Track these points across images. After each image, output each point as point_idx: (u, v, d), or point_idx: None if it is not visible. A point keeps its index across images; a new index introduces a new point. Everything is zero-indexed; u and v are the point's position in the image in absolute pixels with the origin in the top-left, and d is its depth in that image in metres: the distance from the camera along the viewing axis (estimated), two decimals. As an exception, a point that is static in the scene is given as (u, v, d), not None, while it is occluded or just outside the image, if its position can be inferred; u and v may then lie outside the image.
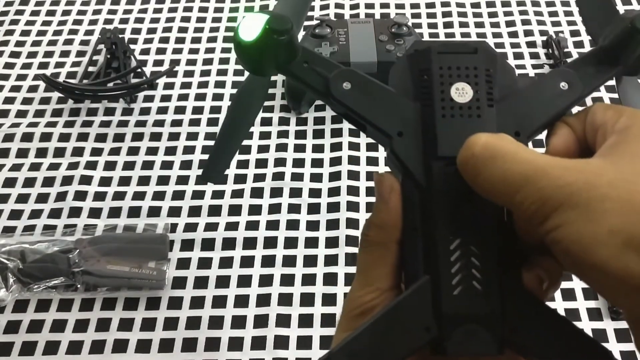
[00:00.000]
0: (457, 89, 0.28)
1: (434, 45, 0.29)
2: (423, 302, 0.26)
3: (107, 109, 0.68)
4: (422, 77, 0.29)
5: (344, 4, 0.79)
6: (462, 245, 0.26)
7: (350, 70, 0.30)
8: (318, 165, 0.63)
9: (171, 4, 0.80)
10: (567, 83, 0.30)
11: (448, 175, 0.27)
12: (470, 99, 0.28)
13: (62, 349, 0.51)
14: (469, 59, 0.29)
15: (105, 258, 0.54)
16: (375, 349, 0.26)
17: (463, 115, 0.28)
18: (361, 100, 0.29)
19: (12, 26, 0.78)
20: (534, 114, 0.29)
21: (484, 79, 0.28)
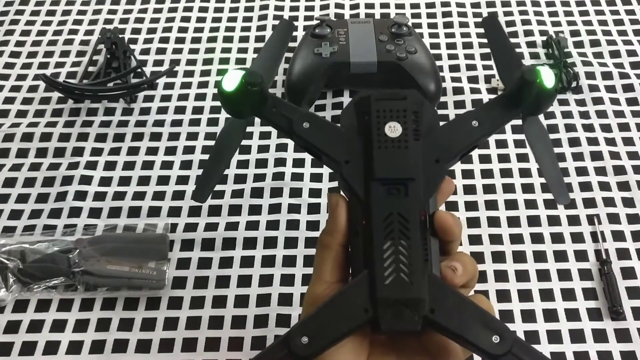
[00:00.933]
0: (390, 127, 0.36)
1: (373, 94, 0.37)
2: (362, 290, 0.34)
3: (107, 109, 0.68)
4: (364, 118, 0.37)
5: (344, 4, 0.79)
6: (392, 246, 0.34)
7: (309, 114, 0.39)
8: (318, 165, 0.63)
9: (171, 4, 0.80)
10: (478, 121, 0.38)
11: (382, 193, 0.35)
12: (400, 134, 0.36)
13: (62, 349, 0.51)
14: (399, 104, 0.37)
15: (105, 258, 0.54)
16: (325, 326, 0.33)
17: (394, 147, 0.36)
18: (317, 136, 0.38)
19: (12, 26, 0.78)
20: (451, 145, 0.38)
21: (411, 119, 0.36)
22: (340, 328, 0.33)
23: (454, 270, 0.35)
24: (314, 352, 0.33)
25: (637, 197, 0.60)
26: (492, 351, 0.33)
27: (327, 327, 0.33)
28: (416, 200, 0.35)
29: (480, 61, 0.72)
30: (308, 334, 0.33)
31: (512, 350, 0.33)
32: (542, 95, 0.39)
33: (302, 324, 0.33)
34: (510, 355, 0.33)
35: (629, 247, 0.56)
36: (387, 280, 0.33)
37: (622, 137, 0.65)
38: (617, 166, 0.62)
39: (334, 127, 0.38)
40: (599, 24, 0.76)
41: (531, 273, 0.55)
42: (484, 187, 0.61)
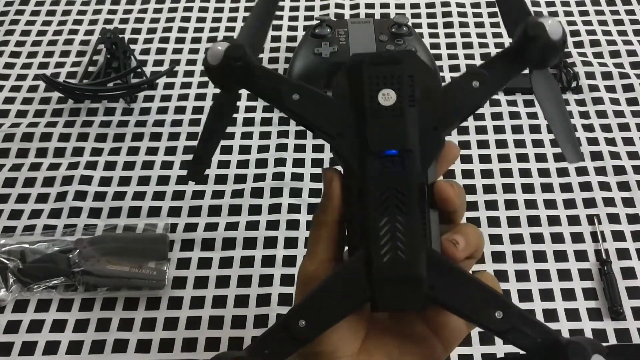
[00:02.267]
0: (383, 94, 0.34)
1: (366, 58, 0.35)
2: (359, 269, 0.32)
3: (107, 109, 0.68)
4: (357, 85, 0.35)
5: (344, 4, 0.79)
6: (389, 222, 0.32)
7: (299, 84, 0.36)
8: (318, 165, 0.63)
9: (171, 4, 0.80)
10: (479, 82, 0.35)
11: (377, 166, 0.33)
12: (394, 102, 0.34)
13: (62, 349, 0.51)
14: (393, 69, 0.34)
15: (105, 258, 0.54)
16: (322, 309, 0.32)
17: (388, 116, 0.34)
18: (308, 108, 0.36)
19: (12, 26, 0.78)
20: (451, 110, 0.35)
21: (407, 85, 0.34)
22: (337, 310, 0.33)
23: (455, 244, 0.34)
24: (313, 335, 0.32)
25: (637, 197, 0.60)
26: (496, 327, 0.32)
27: (324, 309, 0.33)
28: (413, 173, 0.33)
29: (480, 61, 0.72)
30: (306, 317, 0.32)
31: (516, 325, 0.32)
32: (549, 47, 0.36)
33: (300, 308, 0.33)
34: (514, 330, 0.32)
35: (629, 247, 0.56)
36: (383, 259, 0.32)
37: (622, 137, 0.65)
38: (617, 166, 0.62)
39: (326, 98, 0.36)
40: (599, 24, 0.76)
41: (531, 273, 0.55)
42: (484, 187, 0.61)
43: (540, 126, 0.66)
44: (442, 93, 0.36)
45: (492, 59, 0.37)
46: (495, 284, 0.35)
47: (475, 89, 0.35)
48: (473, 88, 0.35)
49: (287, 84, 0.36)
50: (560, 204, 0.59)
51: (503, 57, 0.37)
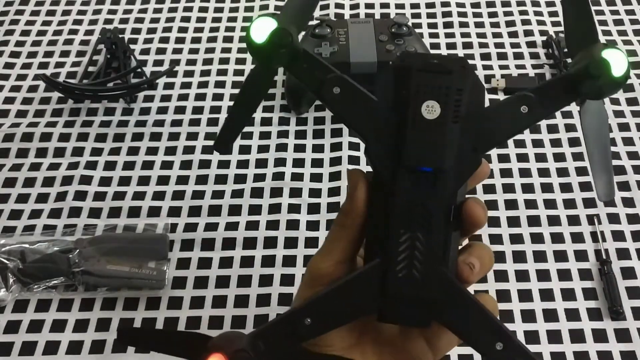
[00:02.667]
0: (427, 107, 0.32)
1: (416, 63, 0.33)
2: (373, 278, 0.33)
3: (107, 109, 0.68)
4: (402, 92, 0.33)
5: (344, 4, 0.79)
6: (410, 238, 0.33)
7: (342, 77, 0.35)
8: (318, 165, 0.63)
9: (171, 4, 0.80)
10: (528, 107, 0.34)
11: (409, 180, 0.33)
12: (437, 116, 0.32)
13: (62, 349, 0.51)
14: (442, 80, 0.33)
15: (105, 258, 0.54)
16: (331, 311, 0.33)
17: (429, 130, 0.32)
18: (347, 105, 0.34)
19: (12, 26, 0.78)
20: (493, 133, 0.34)
21: (453, 98, 0.33)
22: (345, 315, 0.33)
23: (472, 268, 0.34)
24: (316, 334, 0.33)
25: (637, 197, 0.60)
26: (495, 357, 0.33)
27: (332, 312, 0.33)
28: (444, 194, 0.33)
29: (480, 61, 0.72)
30: (312, 316, 0.33)
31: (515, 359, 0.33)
32: (611, 85, 0.34)
33: (308, 305, 0.33)
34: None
35: (629, 247, 0.56)
36: (398, 274, 0.33)
37: (622, 137, 0.65)
38: (617, 166, 0.62)
39: (367, 98, 0.34)
40: (599, 24, 0.76)
41: (531, 273, 0.55)
42: (484, 187, 0.61)
43: (540, 126, 0.66)
44: (487, 113, 0.34)
45: (545, 84, 0.35)
46: (495, 307, 0.36)
47: (522, 115, 0.34)
48: (520, 113, 0.34)
49: (331, 75, 0.35)
50: (560, 204, 0.59)
51: (557, 84, 0.35)
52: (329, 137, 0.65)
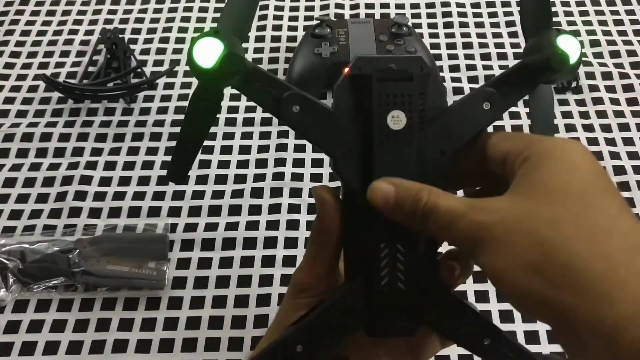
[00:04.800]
0: (393, 117, 0.32)
1: (374, 72, 0.32)
2: (358, 297, 0.33)
3: (107, 109, 0.68)
4: (363, 101, 0.32)
5: (344, 4, 0.79)
6: (390, 251, 0.33)
7: (299, 94, 0.33)
8: (318, 165, 0.63)
9: (171, 4, 0.80)
10: (490, 103, 0.33)
11: None
12: (404, 126, 0.32)
13: (62, 349, 0.51)
14: (405, 87, 0.32)
15: (105, 258, 0.54)
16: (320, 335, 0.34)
17: (397, 142, 0.32)
18: (309, 123, 0.33)
19: (12, 26, 0.78)
20: (459, 134, 0.33)
21: (417, 105, 0.32)
22: (334, 338, 0.34)
23: (453, 271, 0.34)
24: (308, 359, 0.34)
25: (637, 197, 0.60)
26: (484, 353, 0.34)
27: (321, 337, 0.34)
28: None
29: (480, 61, 0.72)
30: (303, 343, 0.33)
31: (502, 350, 0.33)
32: (566, 72, 0.34)
33: (298, 333, 0.34)
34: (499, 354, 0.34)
35: (629, 247, 0.56)
36: (382, 287, 0.33)
37: (622, 137, 0.65)
38: (617, 166, 0.62)
39: (328, 113, 0.33)
40: (599, 24, 0.76)
41: (531, 273, 0.55)
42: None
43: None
44: (450, 113, 0.33)
45: (504, 77, 0.35)
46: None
47: (485, 111, 0.33)
48: (483, 110, 0.33)
49: (287, 93, 0.33)
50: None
51: (516, 76, 0.34)
52: (329, 137, 0.65)
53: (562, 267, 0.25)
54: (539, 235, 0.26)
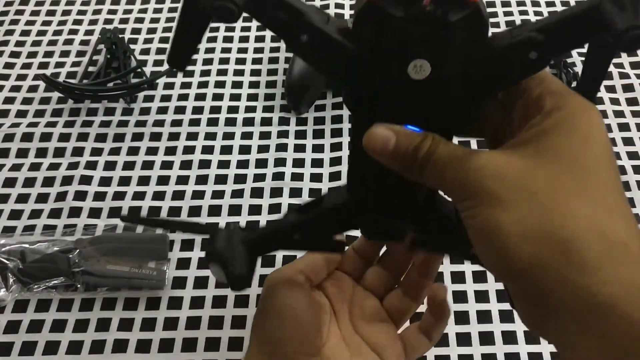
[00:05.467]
0: (416, 66, 0.27)
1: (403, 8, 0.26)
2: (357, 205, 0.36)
3: (107, 109, 0.68)
4: (383, 42, 0.27)
5: (344, 4, 0.79)
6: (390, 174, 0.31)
7: (308, 24, 0.28)
8: (318, 165, 0.63)
9: (171, 4, 0.80)
10: (538, 53, 0.27)
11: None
12: (427, 77, 0.28)
13: (62, 349, 0.51)
14: (439, 36, 0.26)
15: (105, 258, 0.54)
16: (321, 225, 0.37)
17: (414, 91, 0.28)
18: (318, 55, 0.29)
19: (12, 26, 0.78)
20: (494, 85, 0.29)
21: (448, 55, 0.27)
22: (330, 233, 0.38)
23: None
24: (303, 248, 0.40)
25: (638, 197, 0.60)
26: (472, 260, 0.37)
27: (319, 232, 0.38)
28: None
29: (480, 61, 0.72)
30: (301, 234, 0.37)
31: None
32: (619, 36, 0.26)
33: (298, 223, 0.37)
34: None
35: (629, 247, 0.56)
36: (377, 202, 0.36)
37: (622, 137, 0.65)
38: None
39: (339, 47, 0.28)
40: (599, 24, 0.76)
41: (531, 273, 0.55)
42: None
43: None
44: (489, 60, 0.28)
45: (553, 24, 0.28)
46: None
47: (530, 62, 0.28)
48: (529, 60, 0.27)
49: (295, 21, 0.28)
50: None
51: (566, 24, 0.27)
52: (329, 137, 0.65)
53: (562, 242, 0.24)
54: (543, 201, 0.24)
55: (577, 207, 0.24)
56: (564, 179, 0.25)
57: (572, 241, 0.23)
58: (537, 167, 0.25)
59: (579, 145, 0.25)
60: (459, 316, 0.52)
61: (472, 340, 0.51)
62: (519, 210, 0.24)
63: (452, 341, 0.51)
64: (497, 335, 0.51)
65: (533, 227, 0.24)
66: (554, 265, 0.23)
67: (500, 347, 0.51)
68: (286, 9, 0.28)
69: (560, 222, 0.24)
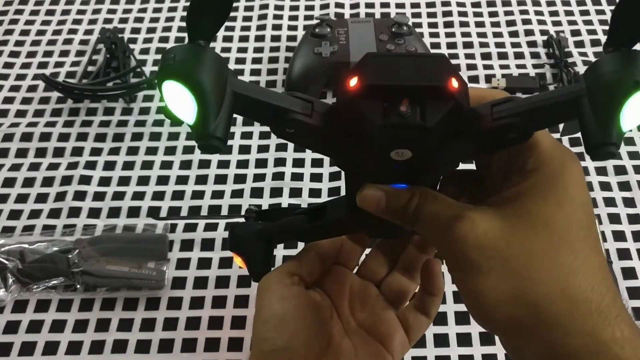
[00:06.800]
0: (397, 153, 0.29)
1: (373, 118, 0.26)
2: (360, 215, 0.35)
3: (107, 109, 0.68)
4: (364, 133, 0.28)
5: (344, 4, 0.79)
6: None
7: (292, 120, 0.28)
8: (318, 165, 0.63)
9: (171, 3, 0.80)
10: (516, 134, 0.28)
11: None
12: (409, 158, 0.29)
13: (62, 349, 0.51)
14: (417, 136, 0.27)
15: (105, 258, 0.54)
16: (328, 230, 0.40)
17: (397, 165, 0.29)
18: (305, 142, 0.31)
19: (11, 26, 0.78)
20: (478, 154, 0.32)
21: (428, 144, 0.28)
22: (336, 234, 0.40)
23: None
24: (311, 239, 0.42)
25: (638, 197, 0.60)
26: None
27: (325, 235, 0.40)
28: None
29: (480, 61, 0.72)
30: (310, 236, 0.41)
31: None
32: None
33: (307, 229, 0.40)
34: None
35: (630, 247, 0.56)
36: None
37: (622, 136, 0.65)
38: (617, 166, 0.62)
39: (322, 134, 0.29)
40: (599, 24, 0.76)
41: (532, 273, 0.55)
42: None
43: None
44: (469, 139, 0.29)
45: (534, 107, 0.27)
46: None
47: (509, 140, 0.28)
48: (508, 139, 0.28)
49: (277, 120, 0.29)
50: (560, 204, 0.59)
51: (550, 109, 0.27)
52: (329, 137, 0.65)
53: (531, 304, 0.27)
54: (515, 267, 0.27)
55: (545, 270, 0.27)
56: (536, 243, 0.27)
57: (540, 302, 0.27)
58: (513, 231, 0.28)
59: (554, 209, 0.28)
60: (459, 316, 0.52)
61: (472, 341, 0.51)
62: (495, 278, 0.28)
63: (453, 341, 0.51)
64: (498, 335, 0.51)
65: (506, 292, 0.27)
66: (525, 324, 0.27)
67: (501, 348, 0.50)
68: (270, 108, 0.28)
69: (530, 286, 0.27)
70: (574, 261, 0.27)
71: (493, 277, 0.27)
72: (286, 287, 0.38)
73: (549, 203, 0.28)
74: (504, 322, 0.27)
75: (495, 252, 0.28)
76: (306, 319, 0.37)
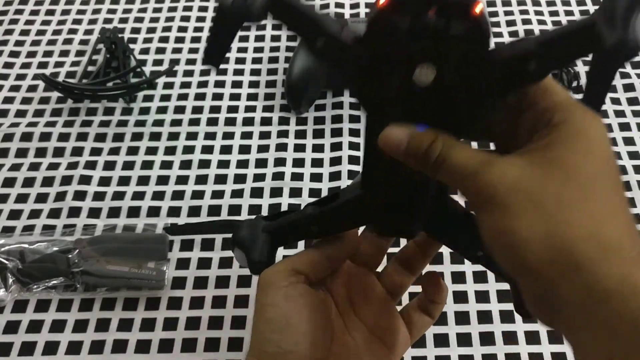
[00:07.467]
0: (421, 70, 0.29)
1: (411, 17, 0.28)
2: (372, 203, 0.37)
3: (107, 109, 0.68)
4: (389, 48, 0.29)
5: (344, 4, 0.79)
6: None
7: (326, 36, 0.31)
8: (318, 165, 0.63)
9: (171, 3, 0.80)
10: (536, 64, 0.29)
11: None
12: (432, 81, 0.29)
13: (62, 349, 0.51)
14: (444, 45, 0.28)
15: (105, 258, 0.54)
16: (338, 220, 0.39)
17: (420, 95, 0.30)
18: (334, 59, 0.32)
19: (11, 25, 0.78)
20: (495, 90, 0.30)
21: (454, 62, 0.29)
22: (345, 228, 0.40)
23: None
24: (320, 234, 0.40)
25: (638, 197, 0.60)
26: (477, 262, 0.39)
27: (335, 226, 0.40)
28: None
29: (480, 61, 0.72)
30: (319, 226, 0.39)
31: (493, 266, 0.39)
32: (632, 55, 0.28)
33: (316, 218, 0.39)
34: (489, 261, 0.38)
35: (630, 247, 0.56)
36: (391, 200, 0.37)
37: (622, 137, 0.65)
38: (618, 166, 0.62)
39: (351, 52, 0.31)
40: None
41: (532, 273, 0.55)
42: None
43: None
44: (490, 68, 0.29)
45: (554, 38, 0.28)
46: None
47: (529, 72, 0.29)
48: (528, 71, 0.29)
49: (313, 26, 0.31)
50: (560, 204, 0.59)
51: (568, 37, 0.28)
52: (329, 137, 0.65)
53: (561, 250, 0.26)
54: (548, 211, 0.27)
55: (576, 216, 0.27)
56: (567, 189, 0.27)
57: (574, 245, 0.26)
58: (544, 177, 0.28)
59: (582, 158, 0.28)
60: (459, 316, 0.52)
61: (472, 341, 0.51)
62: (529, 219, 0.27)
63: (453, 341, 0.51)
64: (498, 335, 0.51)
65: (540, 232, 0.27)
66: (560, 264, 0.26)
67: (501, 348, 0.50)
68: (304, 17, 0.31)
69: (564, 229, 0.27)
70: (604, 209, 0.27)
71: (527, 218, 0.27)
72: (291, 285, 0.36)
73: (578, 153, 0.28)
74: (537, 262, 0.27)
75: (529, 194, 0.27)
76: (312, 320, 0.35)
